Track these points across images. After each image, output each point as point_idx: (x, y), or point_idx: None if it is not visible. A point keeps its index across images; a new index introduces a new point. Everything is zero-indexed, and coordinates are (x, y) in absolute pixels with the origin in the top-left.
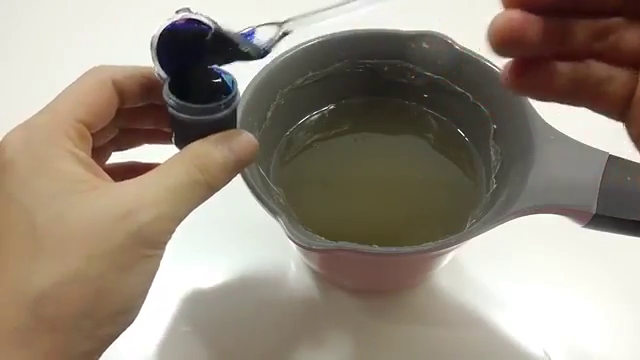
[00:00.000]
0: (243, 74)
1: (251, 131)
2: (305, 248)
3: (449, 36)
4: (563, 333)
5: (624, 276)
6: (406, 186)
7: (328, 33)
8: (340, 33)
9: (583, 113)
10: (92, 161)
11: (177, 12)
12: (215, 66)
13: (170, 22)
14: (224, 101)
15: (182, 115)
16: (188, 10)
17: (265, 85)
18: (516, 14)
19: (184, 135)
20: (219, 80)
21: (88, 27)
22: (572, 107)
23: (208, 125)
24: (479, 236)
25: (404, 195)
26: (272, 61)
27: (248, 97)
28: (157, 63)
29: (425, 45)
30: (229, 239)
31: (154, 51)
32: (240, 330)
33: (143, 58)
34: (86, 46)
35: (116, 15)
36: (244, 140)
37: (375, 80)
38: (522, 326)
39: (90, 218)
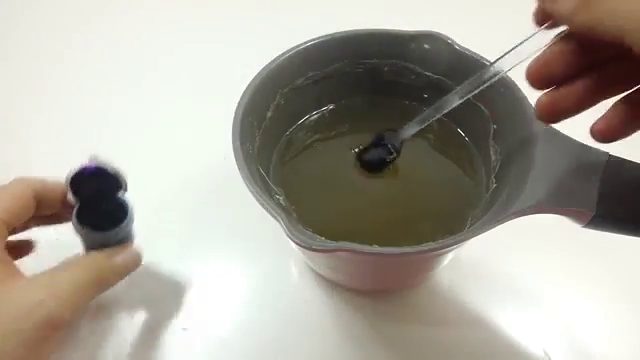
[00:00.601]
0: (243, 74)
1: (251, 131)
2: (305, 248)
3: (449, 36)
4: (563, 333)
5: (624, 276)
6: (406, 186)
7: (328, 33)
8: (340, 33)
9: (584, 114)
10: (6, 257)
11: (89, 159)
12: (120, 194)
13: (81, 167)
14: (115, 230)
15: (86, 236)
16: (96, 157)
17: (265, 85)
18: (550, 95)
19: (91, 244)
20: (121, 205)
21: (85, 28)
22: None
23: (109, 242)
24: (479, 236)
25: (404, 195)
26: (272, 61)
27: (248, 97)
28: (70, 192)
29: (425, 45)
30: (229, 239)
31: (68, 185)
32: (239, 329)
33: (141, 55)
34: (85, 47)
35: (115, 16)
36: (131, 254)
37: (375, 80)
38: (522, 326)
39: (9, 307)
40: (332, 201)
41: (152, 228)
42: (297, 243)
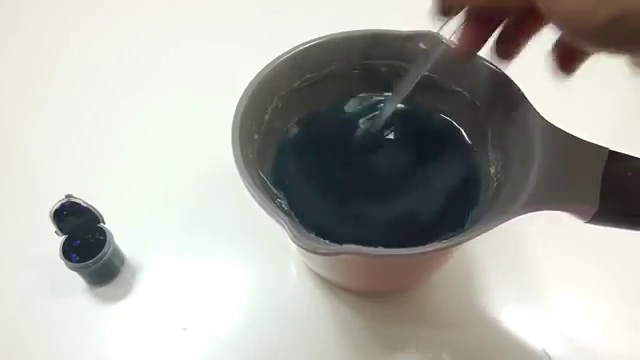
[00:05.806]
0: (240, 76)
1: (250, 135)
2: (310, 252)
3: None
4: (563, 333)
5: (624, 276)
6: (406, 186)
7: (325, 35)
8: (336, 35)
9: (583, 110)
10: None
11: (66, 197)
12: (100, 224)
13: (60, 203)
14: (94, 260)
15: (74, 267)
16: (71, 195)
17: (263, 88)
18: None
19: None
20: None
21: (85, 27)
22: (571, 104)
23: (97, 267)
24: (480, 235)
25: (404, 195)
26: (269, 64)
27: (246, 102)
28: (55, 226)
29: (421, 45)
30: (228, 240)
31: (52, 220)
32: (239, 329)
33: (139, 57)
34: (84, 48)
35: (114, 18)
36: None
37: (373, 81)
38: (522, 326)
39: None
40: (333, 202)
41: (152, 229)
42: (302, 247)
